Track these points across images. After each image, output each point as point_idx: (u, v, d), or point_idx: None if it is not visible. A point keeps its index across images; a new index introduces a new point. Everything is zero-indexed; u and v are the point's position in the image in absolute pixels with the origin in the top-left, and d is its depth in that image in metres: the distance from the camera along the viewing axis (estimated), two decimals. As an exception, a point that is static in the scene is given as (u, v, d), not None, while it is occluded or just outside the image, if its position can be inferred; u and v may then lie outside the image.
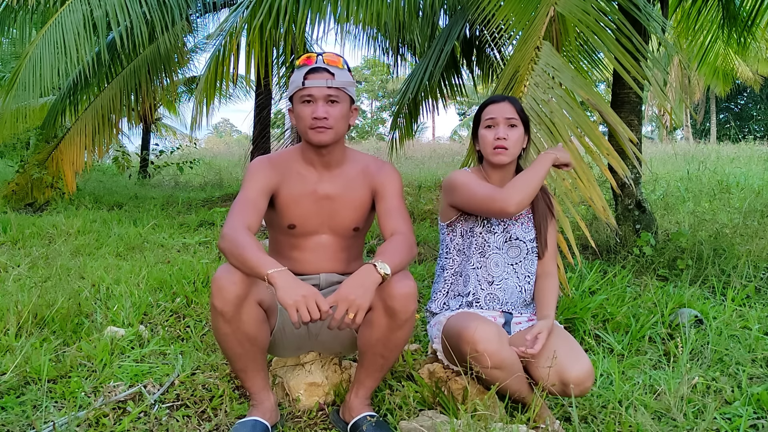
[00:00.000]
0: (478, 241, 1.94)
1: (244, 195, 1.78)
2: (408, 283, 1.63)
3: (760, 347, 2.37)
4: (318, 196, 1.87)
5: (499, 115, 1.89)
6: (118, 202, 6.94)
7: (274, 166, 1.86)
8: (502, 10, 3.46)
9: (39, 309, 2.57)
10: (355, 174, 1.91)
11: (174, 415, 1.86)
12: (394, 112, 6.19)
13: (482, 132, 1.92)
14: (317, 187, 1.88)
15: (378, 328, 1.68)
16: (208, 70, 5.14)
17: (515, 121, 1.90)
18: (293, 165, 1.89)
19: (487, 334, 1.66)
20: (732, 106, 30.82)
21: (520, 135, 1.92)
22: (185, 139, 15.03)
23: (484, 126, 1.92)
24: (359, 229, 1.95)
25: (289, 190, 1.86)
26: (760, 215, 5.03)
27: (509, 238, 1.95)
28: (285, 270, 1.53)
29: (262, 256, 1.56)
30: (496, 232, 1.94)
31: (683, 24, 5.08)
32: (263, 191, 1.81)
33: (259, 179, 1.81)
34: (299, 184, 1.87)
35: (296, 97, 1.81)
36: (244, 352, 1.71)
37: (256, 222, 1.75)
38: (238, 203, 1.76)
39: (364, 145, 20.00)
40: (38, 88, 5.51)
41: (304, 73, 1.78)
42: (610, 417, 1.80)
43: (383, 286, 1.60)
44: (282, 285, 1.50)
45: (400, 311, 1.63)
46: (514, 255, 1.95)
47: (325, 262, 1.93)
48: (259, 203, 1.78)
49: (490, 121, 1.91)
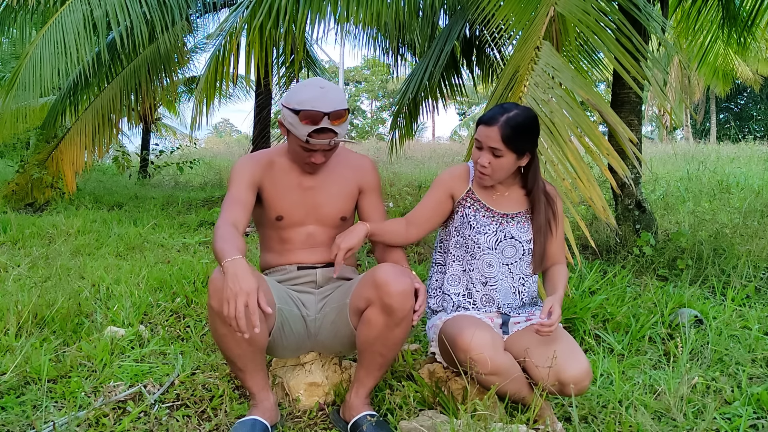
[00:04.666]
0: (468, 243, 1.92)
1: (230, 194, 1.84)
2: (404, 281, 1.66)
3: (760, 347, 2.37)
4: (303, 187, 1.93)
5: (485, 143, 1.80)
6: (118, 202, 6.94)
7: (257, 162, 1.91)
8: (502, 10, 3.46)
9: (39, 309, 2.57)
10: (338, 166, 1.97)
11: (174, 415, 1.86)
12: (394, 112, 6.19)
13: (474, 147, 1.87)
14: (302, 180, 1.93)
15: (376, 326, 1.69)
16: (208, 70, 5.14)
17: (500, 152, 1.78)
18: (277, 159, 1.94)
19: (481, 341, 1.67)
20: (732, 106, 30.81)
21: (508, 162, 1.81)
22: (185, 139, 15.02)
23: (474, 142, 1.86)
24: (346, 219, 1.99)
25: (273, 183, 1.91)
26: (760, 215, 5.02)
27: (504, 237, 1.92)
28: (238, 259, 1.55)
29: (227, 247, 1.59)
30: (487, 233, 1.91)
31: (683, 24, 5.07)
32: (248, 187, 1.86)
33: (244, 176, 1.86)
34: (284, 177, 1.92)
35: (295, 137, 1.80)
36: (243, 353, 1.71)
37: (243, 216, 1.79)
38: (225, 202, 1.82)
39: (365, 145, 19.99)
40: (38, 88, 5.50)
41: (309, 131, 1.76)
42: (610, 417, 1.80)
43: (379, 285, 1.65)
44: (228, 275, 1.53)
45: (398, 309, 1.65)
46: (510, 255, 1.93)
47: (315, 252, 1.95)
48: (245, 199, 1.83)
49: (477, 143, 1.84)
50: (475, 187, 1.95)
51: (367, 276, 1.74)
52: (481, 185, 1.93)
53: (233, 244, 1.62)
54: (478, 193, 1.94)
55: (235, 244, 1.62)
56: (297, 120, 1.76)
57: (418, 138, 23.65)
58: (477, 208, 1.93)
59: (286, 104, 1.79)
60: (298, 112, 1.75)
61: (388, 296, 1.64)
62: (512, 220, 1.93)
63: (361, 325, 1.74)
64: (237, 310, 1.48)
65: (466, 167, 1.98)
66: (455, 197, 1.95)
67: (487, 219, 1.92)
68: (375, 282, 1.67)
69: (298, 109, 1.75)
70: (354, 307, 1.78)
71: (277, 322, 1.80)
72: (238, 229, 1.73)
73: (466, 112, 38.81)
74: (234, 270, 1.53)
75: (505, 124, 1.77)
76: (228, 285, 1.51)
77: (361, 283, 1.76)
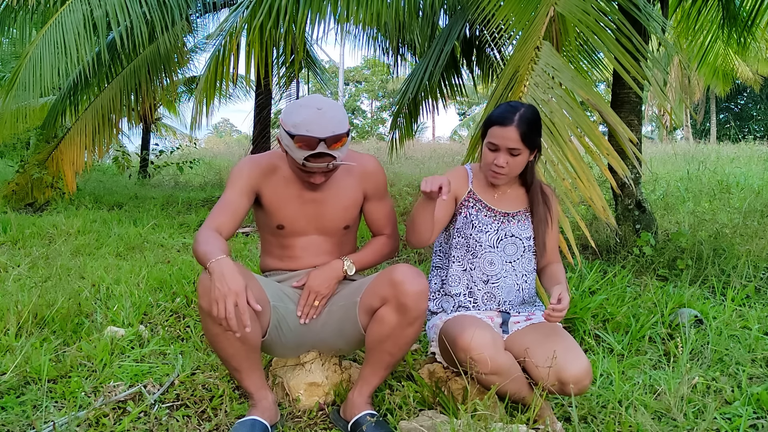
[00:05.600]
0: (469, 242, 1.93)
1: (223, 197, 1.82)
2: (420, 281, 1.66)
3: (760, 347, 2.37)
4: (304, 199, 1.88)
5: (502, 144, 1.80)
6: (118, 202, 6.94)
7: (258, 166, 1.86)
8: (502, 10, 3.46)
9: (39, 309, 2.57)
10: (341, 174, 1.91)
11: (174, 415, 1.86)
12: (394, 112, 6.19)
13: (485, 148, 1.87)
14: (303, 191, 1.88)
15: (388, 324, 1.69)
16: (208, 70, 5.14)
17: (518, 151, 1.81)
18: (280, 167, 1.88)
19: (481, 341, 1.67)
20: (732, 106, 30.80)
21: (524, 159, 1.85)
22: (185, 139, 15.02)
23: (487, 144, 1.86)
24: (350, 227, 1.97)
25: (273, 191, 1.87)
26: (760, 215, 5.02)
27: (504, 236, 1.93)
28: (223, 259, 1.55)
29: (210, 249, 1.59)
30: (488, 231, 1.93)
31: (683, 24, 5.07)
32: (244, 192, 1.82)
33: (241, 180, 1.83)
34: (284, 187, 1.87)
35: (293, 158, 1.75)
36: (236, 352, 1.71)
37: (230, 222, 1.77)
38: (215, 206, 1.80)
39: (364, 145, 19.99)
40: (38, 88, 5.50)
41: (305, 155, 1.69)
42: (610, 417, 1.80)
43: (396, 284, 1.66)
44: (215, 276, 1.52)
45: (412, 308, 1.66)
46: (511, 252, 1.94)
47: (317, 260, 1.94)
48: (237, 204, 1.80)
49: (493, 146, 1.84)
50: (475, 187, 1.96)
51: (383, 275, 1.73)
52: (491, 185, 1.94)
53: (215, 245, 1.61)
54: (479, 194, 1.96)
55: (217, 246, 1.61)
56: (292, 143, 1.69)
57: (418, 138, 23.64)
58: (479, 208, 1.94)
59: (283, 125, 1.73)
60: (293, 136, 1.68)
61: (404, 295, 1.65)
62: (513, 219, 1.95)
63: (373, 323, 1.74)
64: (227, 311, 1.48)
65: (464, 170, 2.00)
66: (458, 199, 1.96)
67: (488, 218, 1.94)
68: (392, 281, 1.67)
69: (293, 133, 1.68)
70: (366, 305, 1.77)
71: (272, 321, 1.79)
72: (222, 234, 1.72)
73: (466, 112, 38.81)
74: (220, 270, 1.53)
75: (521, 122, 1.79)
76: (216, 285, 1.51)
77: (377, 281, 1.75)
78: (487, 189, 1.97)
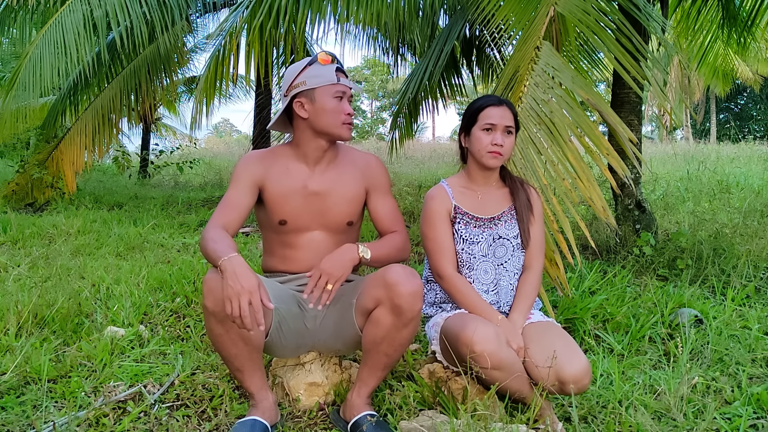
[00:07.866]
0: (463, 257, 1.94)
1: (227, 195, 1.84)
2: (415, 282, 1.66)
3: (760, 347, 2.37)
4: (307, 192, 1.89)
5: (500, 122, 1.90)
6: (118, 202, 6.94)
7: (260, 161, 1.89)
8: (502, 10, 3.46)
9: (39, 309, 2.57)
10: (346, 169, 1.94)
11: (174, 415, 1.86)
12: (394, 112, 6.19)
13: (478, 133, 1.92)
14: (307, 184, 1.89)
15: (384, 326, 1.69)
16: (208, 70, 5.14)
17: (512, 129, 1.93)
18: (282, 160, 1.90)
19: (485, 335, 1.66)
20: (732, 106, 30.82)
21: (512, 141, 1.95)
22: (185, 139, 15.02)
23: (482, 128, 1.91)
24: (353, 223, 1.97)
25: (276, 184, 1.87)
26: (760, 215, 5.02)
27: (493, 240, 1.95)
28: (235, 257, 1.55)
29: (220, 247, 1.59)
30: (480, 241, 1.94)
31: (683, 24, 5.07)
32: (247, 187, 1.84)
33: (244, 177, 1.85)
34: (287, 180, 1.88)
35: (325, 92, 1.83)
36: (239, 352, 1.71)
37: (235, 219, 1.79)
38: (219, 204, 1.82)
39: (364, 145, 19.99)
40: (38, 88, 5.51)
41: (334, 70, 1.84)
42: (610, 417, 1.80)
43: (389, 285, 1.64)
44: (227, 274, 1.52)
45: (407, 309, 1.65)
46: (501, 254, 1.95)
47: (320, 258, 1.92)
48: (241, 201, 1.82)
49: (489, 125, 1.90)
50: (457, 200, 1.97)
51: (377, 276, 1.73)
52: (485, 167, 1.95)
53: (225, 243, 1.62)
54: (463, 206, 1.97)
55: (227, 243, 1.62)
56: (317, 67, 1.83)
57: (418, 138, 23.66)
58: (467, 221, 1.96)
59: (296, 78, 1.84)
60: (314, 61, 1.82)
61: (398, 297, 1.64)
62: (499, 221, 1.97)
63: (368, 324, 1.73)
64: (242, 308, 1.48)
65: (441, 188, 2.00)
66: (449, 215, 1.97)
67: (478, 229, 1.95)
68: (385, 282, 1.66)
69: (313, 59, 1.82)
70: (361, 307, 1.76)
71: (274, 322, 1.79)
72: (228, 231, 1.74)
73: (466, 112, 38.74)
74: (233, 268, 1.52)
75: (509, 104, 1.94)
76: (228, 284, 1.50)
77: (370, 282, 1.74)
78: (467, 196, 1.98)
